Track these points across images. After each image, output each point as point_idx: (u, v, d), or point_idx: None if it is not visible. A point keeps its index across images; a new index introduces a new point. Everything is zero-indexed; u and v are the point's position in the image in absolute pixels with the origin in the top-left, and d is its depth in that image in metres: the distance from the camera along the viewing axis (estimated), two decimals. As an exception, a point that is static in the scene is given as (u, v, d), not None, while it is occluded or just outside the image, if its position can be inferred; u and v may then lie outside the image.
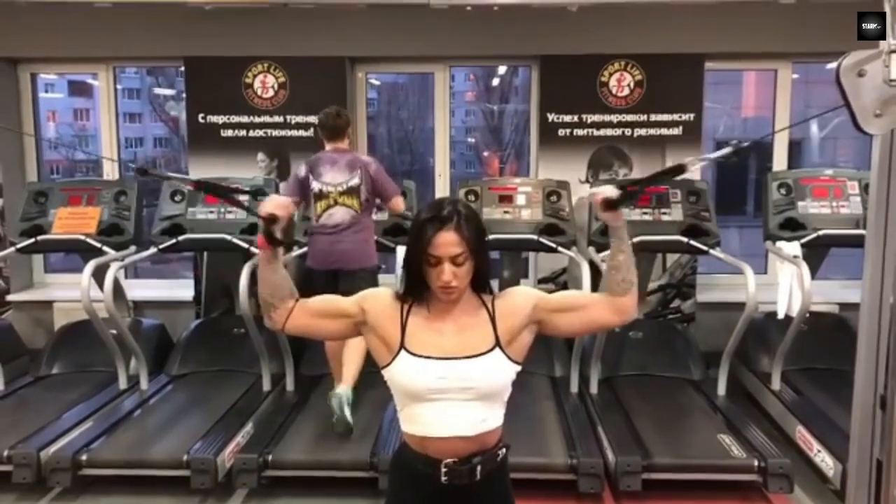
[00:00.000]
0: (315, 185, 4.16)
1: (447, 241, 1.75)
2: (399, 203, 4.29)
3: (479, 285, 1.85)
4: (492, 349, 1.78)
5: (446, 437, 1.76)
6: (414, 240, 1.79)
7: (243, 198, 4.12)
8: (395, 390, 1.83)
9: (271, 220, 1.82)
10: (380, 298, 1.86)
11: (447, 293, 1.77)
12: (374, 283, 4.21)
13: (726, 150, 2.10)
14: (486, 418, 1.79)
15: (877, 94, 1.36)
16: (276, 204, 1.85)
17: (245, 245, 4.67)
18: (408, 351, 1.78)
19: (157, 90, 12.27)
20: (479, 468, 1.78)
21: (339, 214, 4.15)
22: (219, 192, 3.49)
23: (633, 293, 1.85)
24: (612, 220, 1.85)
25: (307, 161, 4.26)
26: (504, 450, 1.85)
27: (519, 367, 1.83)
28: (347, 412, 3.88)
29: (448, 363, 1.75)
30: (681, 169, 1.94)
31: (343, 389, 3.94)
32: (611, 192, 1.84)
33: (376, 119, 10.29)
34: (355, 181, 4.15)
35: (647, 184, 2.15)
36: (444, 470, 1.77)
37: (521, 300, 1.85)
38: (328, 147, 4.25)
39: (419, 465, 1.80)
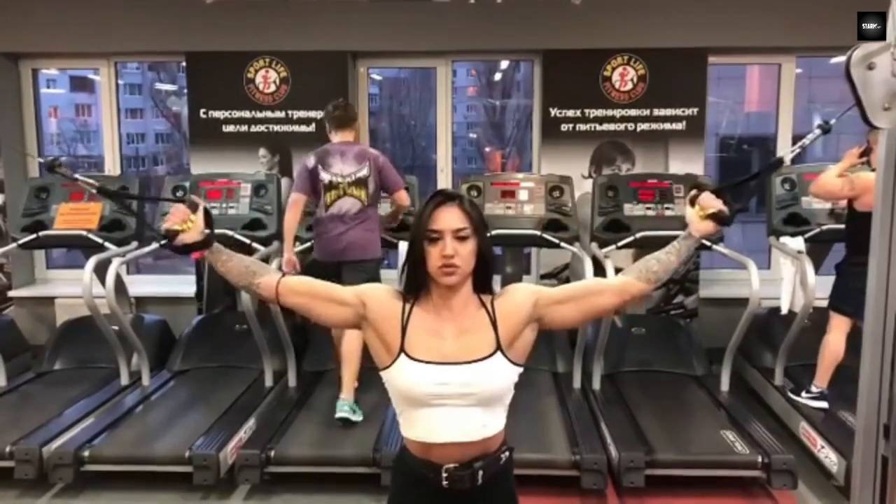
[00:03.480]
0: (325, 176, 4.17)
1: (449, 216, 1.75)
2: (404, 196, 4.33)
3: (482, 282, 1.83)
4: (493, 353, 1.75)
5: (446, 443, 1.74)
6: (416, 221, 1.78)
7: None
8: (393, 394, 1.80)
9: (173, 234, 1.86)
10: (381, 296, 1.83)
11: (447, 273, 1.72)
12: (377, 274, 4.23)
13: (817, 132, 2.12)
14: (487, 423, 1.76)
15: (886, 87, 1.34)
16: (172, 220, 1.87)
17: (247, 241, 4.67)
18: (407, 355, 1.74)
19: (159, 85, 12.25)
20: (480, 473, 1.75)
21: (347, 204, 4.17)
22: (116, 198, 3.52)
23: (650, 287, 1.87)
24: (705, 232, 1.90)
25: (315, 152, 4.26)
26: (507, 453, 1.82)
27: (521, 369, 1.80)
28: (356, 417, 4.03)
29: (448, 368, 1.72)
30: (780, 162, 1.95)
31: (348, 401, 4.05)
32: (723, 207, 1.86)
33: (378, 114, 10.27)
34: (364, 172, 4.18)
35: (750, 194, 2.16)
36: (444, 475, 1.74)
37: (521, 298, 1.82)
38: (335, 139, 4.26)
39: (420, 470, 1.78)
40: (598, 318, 4.10)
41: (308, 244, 4.47)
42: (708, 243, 4.51)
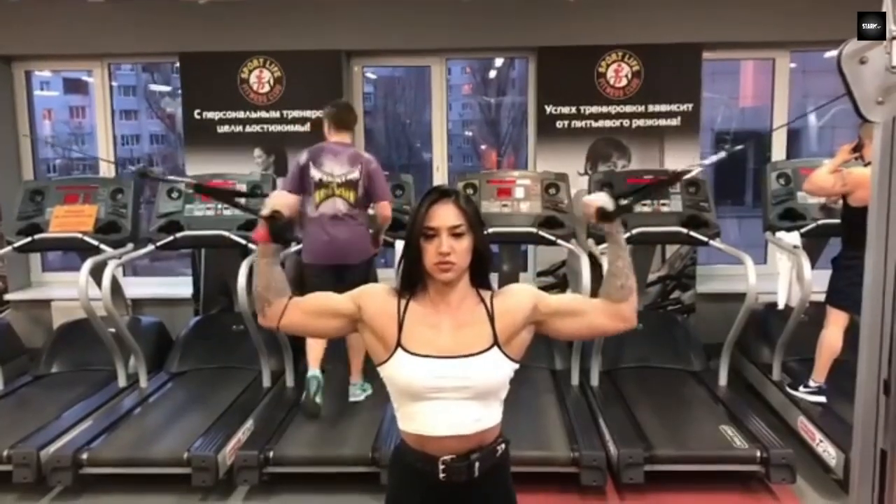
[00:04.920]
0: (315, 174, 4.16)
1: (445, 212, 1.75)
2: (387, 207, 4.25)
3: (479, 277, 1.83)
4: (489, 348, 1.76)
5: (443, 437, 1.75)
6: (412, 219, 1.79)
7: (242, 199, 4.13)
8: (391, 388, 1.81)
9: (275, 218, 1.82)
10: (376, 295, 1.84)
11: (444, 269, 1.73)
12: (372, 272, 4.23)
13: (721, 155, 2.11)
14: (481, 417, 1.77)
15: (879, 81, 1.35)
16: (282, 203, 1.85)
17: (243, 241, 4.66)
18: (405, 349, 1.75)
19: (153, 87, 12.23)
20: (477, 465, 1.76)
21: (337, 205, 4.16)
22: (216, 195, 3.51)
23: (632, 300, 1.83)
24: (608, 228, 1.85)
25: (309, 149, 4.24)
26: (503, 445, 1.84)
27: (517, 366, 1.81)
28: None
29: (445, 362, 1.73)
30: (678, 177, 1.94)
31: (357, 384, 4.16)
32: (606, 202, 1.83)
33: (373, 113, 10.26)
34: (355, 175, 4.16)
35: (643, 196, 2.14)
36: (441, 467, 1.75)
37: (520, 299, 1.83)
38: (332, 138, 4.25)
39: (417, 463, 1.79)
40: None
41: (300, 246, 4.41)
42: (704, 239, 4.52)
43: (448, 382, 1.73)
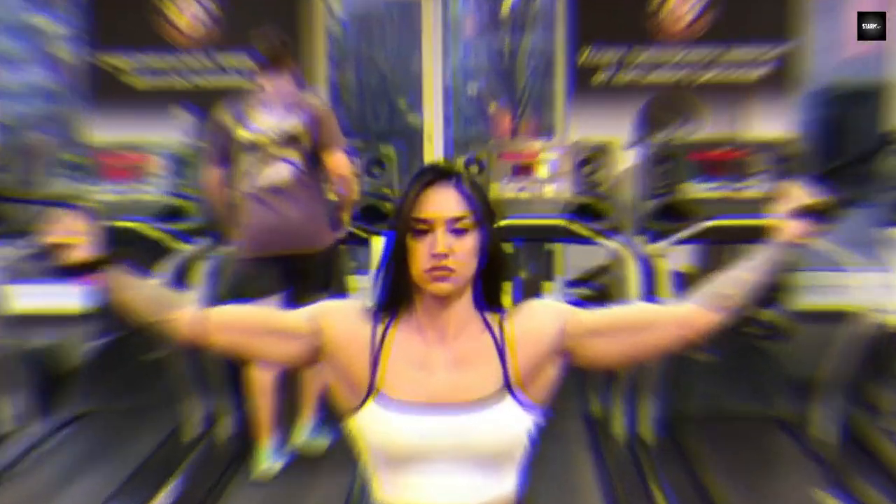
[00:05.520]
0: (244, 135, 4.09)
1: (443, 199, 1.72)
2: (342, 161, 4.13)
3: (488, 294, 1.81)
4: (499, 393, 1.74)
5: None
6: (398, 207, 1.76)
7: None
8: (362, 448, 1.79)
9: (59, 249, 1.78)
10: (342, 314, 1.81)
11: (438, 277, 1.70)
12: (337, 267, 4.22)
13: None
14: (490, 488, 1.75)
15: None
16: (57, 228, 1.78)
17: (163, 236, 4.65)
18: (381, 396, 1.73)
19: (34, 19, 12.28)
20: None
21: (279, 172, 4.09)
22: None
23: (723, 317, 1.83)
24: (796, 234, 1.86)
25: (230, 105, 4.18)
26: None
27: (540, 412, 1.80)
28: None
29: (437, 413, 1.71)
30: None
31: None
32: (822, 200, 1.85)
33: (342, 63, 10.30)
34: (295, 122, 4.08)
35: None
36: None
37: (543, 320, 1.81)
38: (263, 83, 4.17)
39: None
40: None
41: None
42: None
43: (441, 442, 1.71)
